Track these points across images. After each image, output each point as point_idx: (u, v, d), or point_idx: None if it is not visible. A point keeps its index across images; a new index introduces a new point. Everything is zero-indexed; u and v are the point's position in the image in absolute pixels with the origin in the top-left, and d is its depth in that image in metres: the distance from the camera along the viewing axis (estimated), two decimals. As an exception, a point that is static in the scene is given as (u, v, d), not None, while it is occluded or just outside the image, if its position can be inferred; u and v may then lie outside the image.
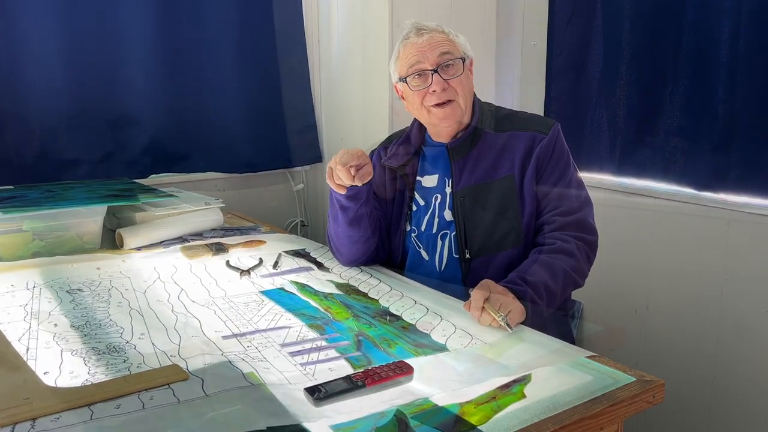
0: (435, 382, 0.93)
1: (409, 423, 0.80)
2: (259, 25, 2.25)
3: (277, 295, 1.32)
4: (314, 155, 2.42)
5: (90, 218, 1.63)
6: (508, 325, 1.10)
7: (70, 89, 1.96)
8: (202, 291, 1.36)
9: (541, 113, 2.26)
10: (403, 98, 1.44)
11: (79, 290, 1.35)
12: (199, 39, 2.15)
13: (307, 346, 1.07)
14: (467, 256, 1.40)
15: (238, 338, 1.10)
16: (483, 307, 1.13)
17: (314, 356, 1.03)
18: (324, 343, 1.08)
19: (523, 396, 0.89)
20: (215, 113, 2.21)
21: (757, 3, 1.67)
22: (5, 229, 1.51)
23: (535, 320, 1.19)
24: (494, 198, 1.39)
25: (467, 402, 0.87)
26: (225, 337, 1.10)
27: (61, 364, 1.00)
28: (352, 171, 1.29)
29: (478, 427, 0.80)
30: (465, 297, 1.22)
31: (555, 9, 2.23)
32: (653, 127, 1.99)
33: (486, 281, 1.21)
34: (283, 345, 1.07)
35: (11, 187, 1.81)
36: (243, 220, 2.02)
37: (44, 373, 0.96)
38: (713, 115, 1.81)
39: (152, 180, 2.12)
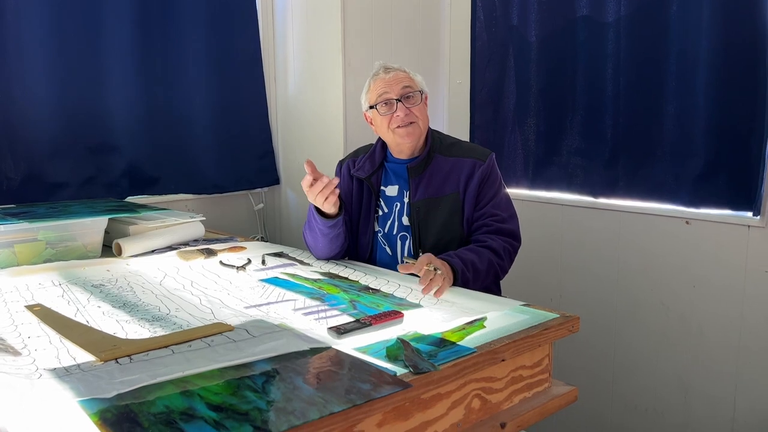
0: (419, 323, 1.27)
1: (410, 343, 1.14)
2: (224, 67, 2.58)
3: (275, 282, 1.62)
4: (272, 178, 2.73)
5: (93, 230, 1.86)
6: (436, 269, 1.47)
7: (56, 119, 2.18)
8: (209, 282, 1.62)
9: (467, 139, 2.69)
10: (372, 124, 1.80)
11: (102, 285, 1.59)
12: (171, 77, 2.43)
13: (314, 309, 1.38)
14: (420, 254, 1.75)
15: (258, 308, 1.39)
16: (424, 269, 1.48)
17: (323, 315, 1.34)
18: (327, 307, 1.39)
19: (483, 327, 1.24)
20: (185, 141, 2.49)
21: (633, 49, 2.16)
22: (23, 238, 1.72)
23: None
24: (442, 210, 1.76)
25: (445, 331, 1.21)
26: (247, 307, 1.39)
27: (122, 329, 1.25)
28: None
29: (458, 343, 1.15)
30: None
31: (475, 54, 2.67)
32: (558, 149, 2.44)
33: (428, 254, 1.55)
34: (295, 310, 1.37)
35: (13, 205, 2.00)
36: (217, 234, 2.28)
37: (113, 334, 1.22)
38: (603, 137, 2.29)
39: (128, 201, 2.35)
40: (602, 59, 2.25)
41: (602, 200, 2.32)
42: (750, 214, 1.93)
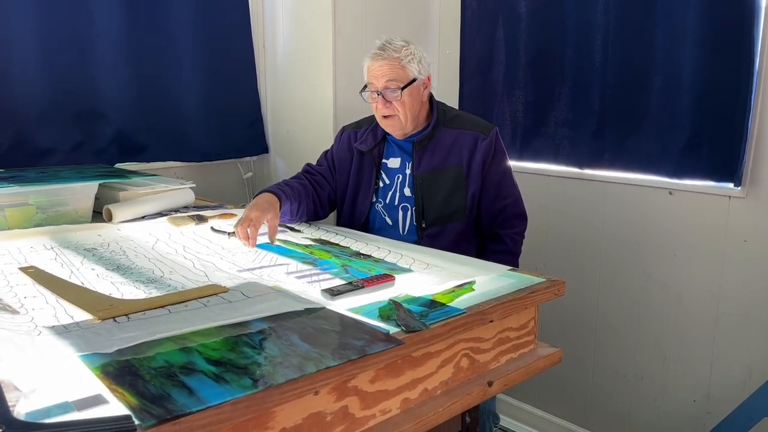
0: (410, 286, 1.30)
1: (401, 303, 1.17)
2: (212, 34, 2.55)
3: (267, 247, 1.64)
4: (261, 147, 2.73)
5: (84, 194, 1.86)
6: None
7: (44, 84, 2.16)
8: (201, 247, 1.64)
9: (456, 110, 2.70)
10: None
11: (94, 248, 1.60)
12: (159, 44, 2.41)
13: (307, 273, 1.40)
14: (423, 225, 1.79)
15: (251, 271, 1.41)
16: None
17: (315, 278, 1.36)
18: (319, 271, 1.41)
19: (473, 290, 1.28)
20: (174, 109, 2.48)
21: (621, 21, 2.18)
22: (14, 202, 1.72)
23: None
24: (445, 182, 1.79)
25: (435, 293, 1.25)
26: (240, 271, 1.41)
27: (117, 290, 1.27)
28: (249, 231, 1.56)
29: (448, 304, 1.18)
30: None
31: (465, 24, 2.67)
32: (545, 120, 2.46)
33: None
34: (288, 273, 1.40)
35: (2, 170, 1.99)
36: (206, 201, 2.29)
37: (109, 294, 1.23)
38: (591, 109, 2.31)
39: (118, 167, 2.34)
40: (591, 31, 2.26)
41: (588, 171, 2.35)
42: (731, 185, 1.98)
